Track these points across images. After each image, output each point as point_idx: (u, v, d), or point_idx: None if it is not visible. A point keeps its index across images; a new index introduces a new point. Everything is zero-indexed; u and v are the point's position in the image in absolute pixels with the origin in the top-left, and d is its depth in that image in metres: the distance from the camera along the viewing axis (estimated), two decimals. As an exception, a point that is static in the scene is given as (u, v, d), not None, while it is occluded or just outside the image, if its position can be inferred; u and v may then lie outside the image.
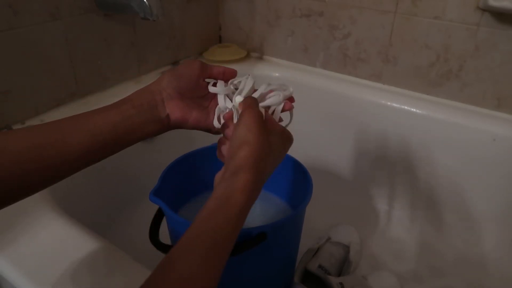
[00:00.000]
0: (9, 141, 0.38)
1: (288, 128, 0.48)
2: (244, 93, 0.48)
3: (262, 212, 0.87)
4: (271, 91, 0.50)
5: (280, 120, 0.49)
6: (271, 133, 0.43)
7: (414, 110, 1.01)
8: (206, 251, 0.33)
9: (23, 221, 0.57)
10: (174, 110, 0.47)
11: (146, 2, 0.82)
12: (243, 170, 0.38)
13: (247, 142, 0.39)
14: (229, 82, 0.51)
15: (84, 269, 0.50)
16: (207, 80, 0.50)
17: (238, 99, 0.47)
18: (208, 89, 0.49)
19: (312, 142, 1.21)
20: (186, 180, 0.78)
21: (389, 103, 1.04)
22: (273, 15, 1.18)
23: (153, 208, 0.69)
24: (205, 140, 0.71)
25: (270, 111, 0.48)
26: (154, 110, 0.46)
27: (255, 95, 0.49)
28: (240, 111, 0.44)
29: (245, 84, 0.50)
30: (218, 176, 0.43)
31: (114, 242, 0.55)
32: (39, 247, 0.53)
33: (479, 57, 0.94)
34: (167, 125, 0.48)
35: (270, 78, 1.19)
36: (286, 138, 0.46)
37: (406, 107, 1.02)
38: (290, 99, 0.51)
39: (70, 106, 0.90)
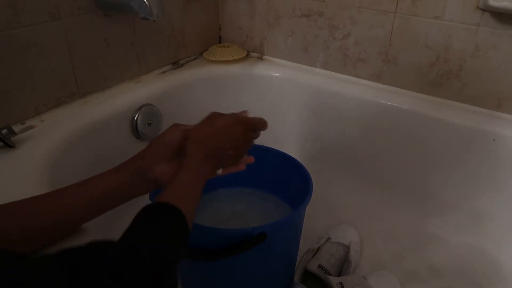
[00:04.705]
0: (38, 203, 0.48)
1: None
2: None
3: (262, 212, 0.88)
4: None
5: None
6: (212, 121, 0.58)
7: (414, 110, 1.01)
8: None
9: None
10: (161, 173, 0.54)
11: (146, 2, 0.82)
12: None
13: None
14: None
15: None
16: None
17: None
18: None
19: (312, 142, 1.21)
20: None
21: (389, 103, 1.04)
22: (273, 15, 1.18)
23: (153, 208, 0.69)
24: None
25: None
26: (142, 176, 0.54)
27: None
28: None
29: None
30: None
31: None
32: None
33: (479, 57, 0.94)
34: (155, 186, 0.55)
35: (270, 78, 1.19)
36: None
37: (406, 107, 1.02)
38: None
39: (70, 106, 0.90)
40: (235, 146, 0.57)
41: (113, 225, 0.92)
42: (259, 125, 0.61)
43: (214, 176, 0.58)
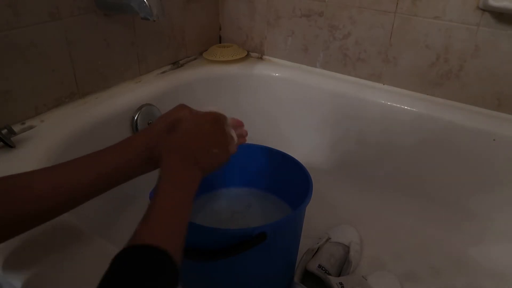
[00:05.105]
0: (35, 180, 0.46)
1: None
2: None
3: (262, 212, 0.88)
4: None
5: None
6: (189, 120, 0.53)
7: (414, 110, 1.01)
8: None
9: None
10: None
11: (146, 2, 0.82)
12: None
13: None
14: None
15: (83, 269, 0.50)
16: None
17: None
18: None
19: (312, 142, 1.21)
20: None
21: (389, 103, 1.04)
22: (273, 15, 1.18)
23: (153, 208, 0.69)
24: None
25: None
26: (149, 153, 0.51)
27: None
28: None
29: None
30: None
31: (114, 242, 0.55)
32: (39, 247, 0.53)
33: (479, 57, 0.94)
34: (157, 165, 0.52)
35: (270, 78, 1.19)
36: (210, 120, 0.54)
37: (406, 107, 1.02)
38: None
39: (70, 106, 0.90)
40: (218, 143, 0.53)
41: (112, 226, 0.92)
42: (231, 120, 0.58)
43: (205, 175, 0.52)
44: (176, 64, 1.16)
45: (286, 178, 0.84)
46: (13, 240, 0.47)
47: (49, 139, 0.79)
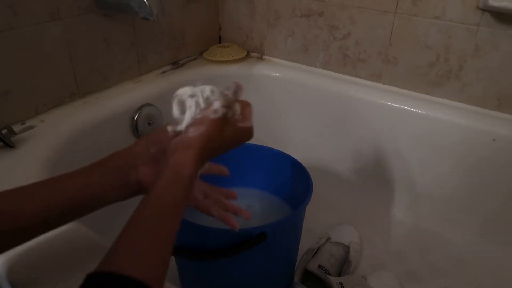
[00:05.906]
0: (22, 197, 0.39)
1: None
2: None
3: (262, 212, 0.88)
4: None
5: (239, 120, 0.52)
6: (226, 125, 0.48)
7: (414, 110, 1.01)
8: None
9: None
10: (147, 175, 0.46)
11: (146, 2, 0.82)
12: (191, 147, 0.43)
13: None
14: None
15: (83, 269, 0.50)
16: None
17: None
18: None
19: (312, 142, 1.21)
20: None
21: (389, 103, 1.04)
22: (273, 15, 1.18)
23: (153, 208, 0.69)
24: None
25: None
26: (123, 175, 0.45)
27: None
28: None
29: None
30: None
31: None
32: (38, 246, 0.53)
33: (479, 57, 0.94)
34: (136, 190, 0.47)
35: (270, 78, 1.19)
36: (242, 134, 0.51)
37: (406, 107, 1.02)
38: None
39: (70, 106, 0.90)
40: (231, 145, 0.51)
41: (112, 224, 0.92)
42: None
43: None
44: (176, 64, 1.16)
45: (286, 178, 0.84)
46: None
47: (49, 139, 0.79)
